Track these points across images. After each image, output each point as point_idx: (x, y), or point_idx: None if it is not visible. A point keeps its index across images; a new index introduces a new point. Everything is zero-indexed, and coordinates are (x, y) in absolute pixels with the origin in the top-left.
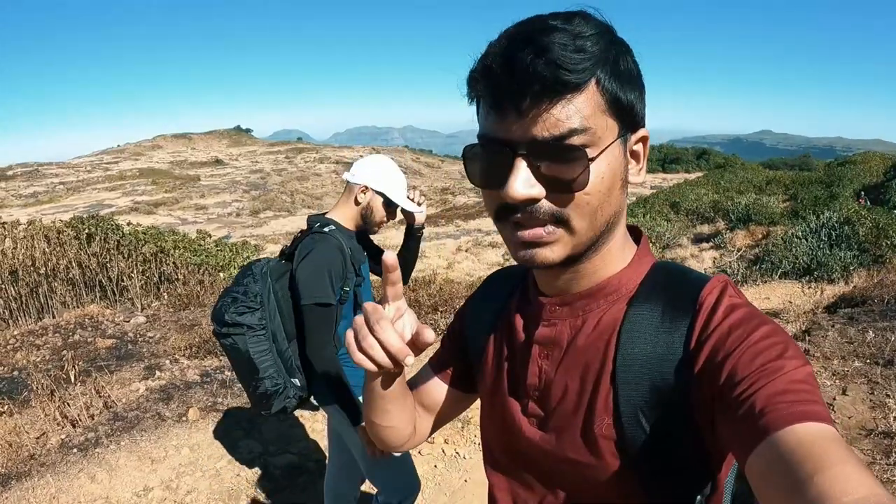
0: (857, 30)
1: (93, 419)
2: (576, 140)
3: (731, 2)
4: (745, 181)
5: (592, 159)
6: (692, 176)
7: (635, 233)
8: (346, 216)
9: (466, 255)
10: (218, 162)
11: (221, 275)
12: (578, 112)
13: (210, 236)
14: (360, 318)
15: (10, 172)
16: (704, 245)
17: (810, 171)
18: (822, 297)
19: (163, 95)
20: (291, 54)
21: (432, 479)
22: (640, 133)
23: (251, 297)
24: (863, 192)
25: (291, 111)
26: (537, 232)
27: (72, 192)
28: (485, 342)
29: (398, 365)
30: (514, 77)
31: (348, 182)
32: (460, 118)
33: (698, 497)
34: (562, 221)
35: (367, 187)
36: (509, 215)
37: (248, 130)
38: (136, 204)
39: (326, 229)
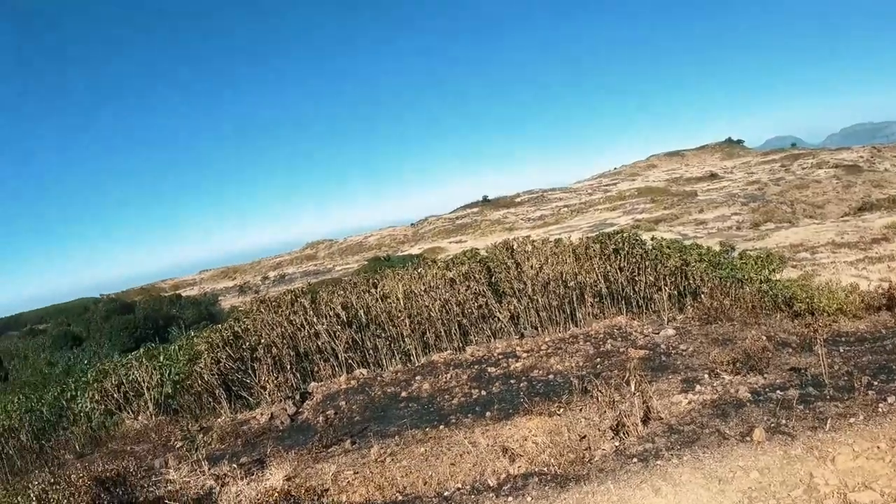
0: None
1: (646, 428)
2: None
3: None
4: None
5: None
6: None
7: None
8: None
9: None
10: (713, 176)
11: (747, 289)
12: None
13: (733, 249)
14: None
15: (518, 199)
16: None
17: None
18: None
19: (652, 115)
20: (779, 55)
21: None
22: None
23: None
24: None
25: (782, 115)
26: None
27: (575, 213)
28: None
29: None
30: None
31: None
32: None
33: None
34: None
35: None
36: None
37: (739, 141)
38: (637, 221)
39: None
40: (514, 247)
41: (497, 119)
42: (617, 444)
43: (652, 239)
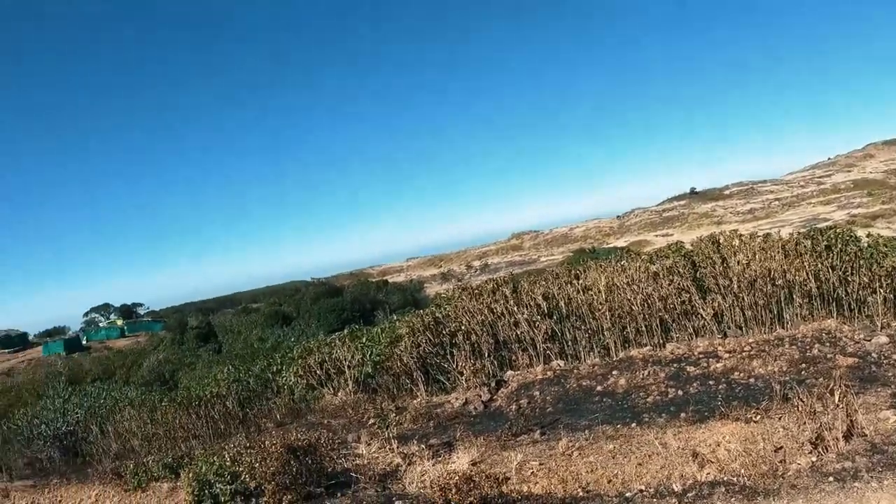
0: None
1: (847, 445)
2: None
3: None
4: None
5: None
6: None
7: None
8: None
9: None
10: None
11: None
12: None
13: None
14: None
15: (727, 191)
16: None
17: None
18: None
19: (869, 96)
20: None
21: None
22: None
23: None
24: None
25: None
26: None
27: (786, 207)
28: None
29: None
30: None
31: None
32: None
33: None
34: None
35: None
36: None
37: None
38: (853, 217)
39: None
40: (721, 241)
41: (706, 109)
42: (814, 459)
43: (868, 236)
